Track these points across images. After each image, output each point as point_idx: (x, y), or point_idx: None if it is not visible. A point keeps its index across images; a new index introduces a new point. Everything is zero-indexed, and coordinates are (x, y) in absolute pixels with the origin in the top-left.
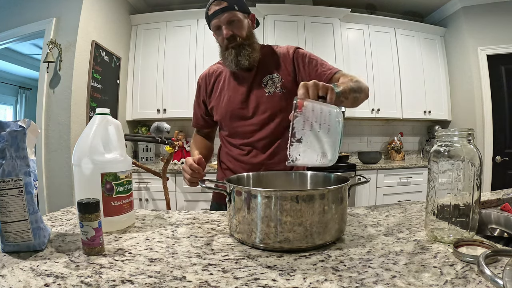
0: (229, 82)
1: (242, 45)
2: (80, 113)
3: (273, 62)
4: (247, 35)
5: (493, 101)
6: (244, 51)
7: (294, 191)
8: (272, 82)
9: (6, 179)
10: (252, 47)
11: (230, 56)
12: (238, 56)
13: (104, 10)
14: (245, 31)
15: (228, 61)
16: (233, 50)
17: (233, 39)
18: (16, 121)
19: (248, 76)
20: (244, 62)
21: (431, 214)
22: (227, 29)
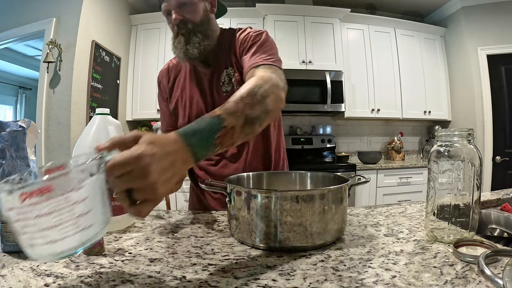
0: (190, 79)
1: (192, 32)
2: (80, 113)
3: (231, 52)
4: (201, 20)
5: (493, 101)
6: (194, 38)
7: (294, 191)
8: (229, 78)
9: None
10: (205, 34)
11: (179, 44)
12: (187, 44)
13: (104, 10)
14: (200, 16)
15: (178, 50)
16: (182, 37)
17: (183, 25)
18: (16, 121)
19: (207, 73)
20: (193, 51)
21: (431, 214)
22: (177, 13)
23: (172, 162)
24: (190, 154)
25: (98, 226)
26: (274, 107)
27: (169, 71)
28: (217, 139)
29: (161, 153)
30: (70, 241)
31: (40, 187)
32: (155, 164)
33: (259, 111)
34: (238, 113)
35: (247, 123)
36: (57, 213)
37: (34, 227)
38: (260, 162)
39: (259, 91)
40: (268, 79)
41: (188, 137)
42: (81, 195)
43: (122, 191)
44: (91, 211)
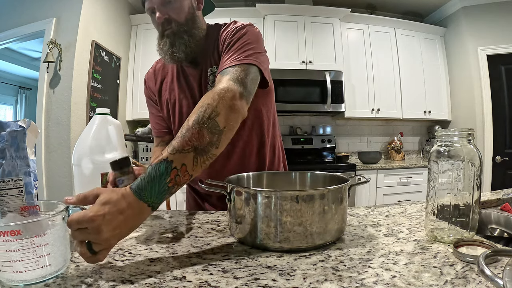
0: (177, 80)
1: (178, 33)
2: (80, 113)
3: (215, 50)
4: (186, 18)
5: (493, 101)
6: (179, 40)
7: (294, 191)
8: (214, 78)
9: (6, 179)
10: (191, 34)
11: (164, 47)
12: (173, 46)
13: (104, 10)
14: (184, 14)
15: (163, 52)
16: (167, 39)
17: (167, 24)
18: (16, 121)
19: (195, 73)
20: (180, 54)
21: (431, 214)
22: (160, 11)
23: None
24: (145, 206)
25: (56, 266)
26: (227, 123)
27: (156, 73)
28: (170, 182)
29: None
30: (32, 274)
31: (12, 229)
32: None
33: (209, 136)
34: (186, 148)
35: (199, 154)
36: (23, 251)
37: (4, 257)
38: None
39: (205, 115)
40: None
41: (140, 192)
42: (44, 240)
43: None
44: (50, 254)
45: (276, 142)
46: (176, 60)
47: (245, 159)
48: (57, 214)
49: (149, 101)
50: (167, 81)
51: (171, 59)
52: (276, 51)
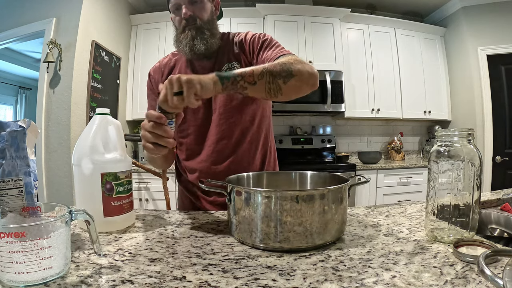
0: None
1: (200, 28)
2: (80, 113)
3: (233, 49)
4: (208, 19)
5: (493, 101)
6: (201, 34)
7: (294, 191)
8: None
9: (6, 179)
10: (212, 32)
11: (185, 39)
12: (195, 39)
13: (104, 10)
14: (207, 15)
15: (183, 45)
16: (189, 32)
17: (192, 20)
18: (16, 121)
19: (207, 65)
20: (200, 47)
21: (431, 214)
22: (188, 8)
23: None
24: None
25: (58, 268)
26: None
27: (162, 67)
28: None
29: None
30: (34, 276)
31: (16, 231)
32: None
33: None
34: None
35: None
36: (26, 253)
37: (6, 258)
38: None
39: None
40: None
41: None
42: (47, 243)
43: None
44: (53, 256)
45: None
46: (195, 52)
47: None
48: (61, 217)
49: (151, 94)
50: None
51: (190, 50)
52: None
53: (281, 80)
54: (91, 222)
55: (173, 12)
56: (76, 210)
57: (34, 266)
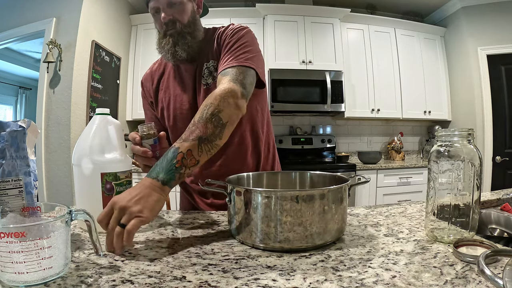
0: (173, 78)
1: (181, 33)
2: (80, 113)
3: (213, 47)
4: (189, 21)
5: (493, 101)
6: (183, 39)
7: (294, 191)
8: (209, 72)
9: (6, 179)
10: (193, 36)
11: (167, 45)
12: (176, 45)
13: (104, 10)
14: (188, 17)
15: (165, 51)
16: (170, 38)
17: (172, 24)
18: (16, 121)
19: (191, 69)
20: (182, 54)
21: (431, 214)
22: (166, 12)
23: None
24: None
25: (58, 268)
26: (229, 119)
27: (153, 74)
28: (177, 163)
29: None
30: (33, 276)
31: (16, 231)
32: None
33: (212, 129)
34: (191, 137)
35: (203, 142)
36: (26, 253)
37: (6, 258)
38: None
39: (208, 111)
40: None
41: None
42: (47, 243)
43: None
44: (53, 256)
45: (270, 140)
46: (178, 59)
47: (241, 154)
48: (61, 217)
49: (145, 103)
50: (164, 80)
51: (172, 57)
52: (276, 51)
53: (217, 138)
54: (91, 222)
55: (153, 15)
56: (76, 210)
57: (34, 266)
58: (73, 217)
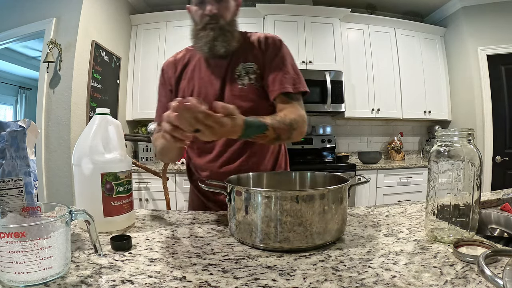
0: (199, 70)
1: (222, 29)
2: (80, 113)
3: (251, 50)
4: (230, 19)
5: (493, 101)
6: (223, 36)
7: (294, 191)
8: (246, 72)
9: (6, 179)
10: (232, 34)
11: (205, 38)
12: (215, 40)
13: (104, 10)
14: (230, 15)
15: (202, 43)
16: (211, 32)
17: (215, 19)
18: (16, 121)
19: (222, 64)
20: (220, 49)
21: (431, 214)
22: (213, 5)
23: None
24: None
25: (58, 268)
26: (295, 138)
27: (176, 62)
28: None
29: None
30: (34, 276)
31: (16, 231)
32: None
33: (286, 137)
34: (276, 131)
35: (275, 138)
36: (26, 253)
37: (6, 258)
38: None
39: (292, 124)
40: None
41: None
42: (47, 243)
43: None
44: (53, 256)
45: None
46: (214, 53)
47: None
48: (61, 217)
49: (162, 90)
50: (188, 70)
51: (209, 50)
52: None
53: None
54: (91, 222)
55: (196, 4)
56: (76, 210)
57: (34, 266)
58: (73, 217)
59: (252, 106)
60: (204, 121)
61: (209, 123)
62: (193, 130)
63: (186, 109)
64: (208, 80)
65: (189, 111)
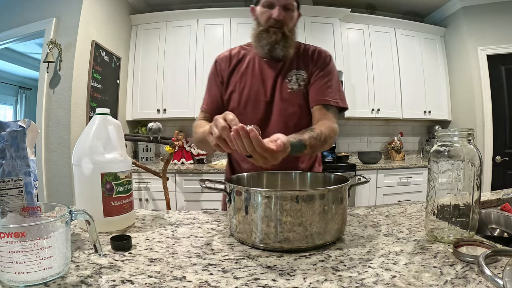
0: (253, 68)
1: (284, 35)
2: (80, 113)
3: (301, 58)
4: (291, 28)
5: (493, 101)
6: (284, 41)
7: (294, 191)
8: (296, 78)
9: (6, 179)
10: (292, 41)
11: (268, 38)
12: (277, 43)
13: (104, 10)
14: (292, 24)
15: (262, 43)
16: (274, 35)
17: (280, 25)
18: (16, 121)
19: (275, 67)
20: (279, 52)
21: (431, 214)
22: (281, 12)
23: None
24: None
25: (58, 268)
26: (326, 148)
27: (231, 57)
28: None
29: None
30: (34, 276)
31: (16, 231)
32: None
33: (318, 151)
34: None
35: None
36: (26, 253)
37: (6, 258)
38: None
39: (326, 140)
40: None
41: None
42: (47, 243)
43: None
44: (53, 256)
45: None
46: (273, 54)
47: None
48: (61, 217)
49: (213, 81)
50: (241, 67)
51: (269, 51)
52: None
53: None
54: (91, 222)
55: (264, 6)
56: (76, 210)
57: (34, 266)
58: (73, 217)
59: (297, 111)
60: (262, 153)
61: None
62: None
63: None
64: (260, 78)
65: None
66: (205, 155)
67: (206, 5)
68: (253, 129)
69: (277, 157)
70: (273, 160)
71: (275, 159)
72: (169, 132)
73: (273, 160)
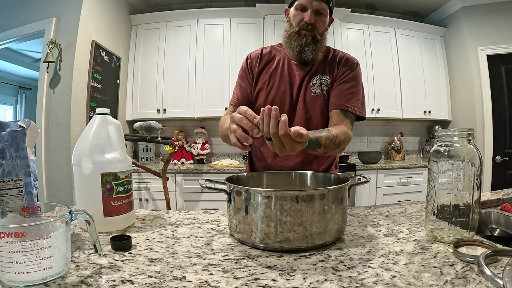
0: (282, 69)
1: (314, 39)
2: (80, 113)
3: (328, 63)
4: (322, 32)
5: (493, 101)
6: (313, 45)
7: (294, 191)
8: (320, 83)
9: (6, 179)
10: (321, 46)
11: (298, 40)
12: (307, 46)
13: (104, 10)
14: (323, 28)
15: (293, 45)
16: (304, 38)
17: (311, 28)
18: (16, 121)
19: (304, 70)
20: (308, 55)
21: (431, 214)
22: (312, 16)
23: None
24: None
25: (58, 268)
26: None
27: (262, 56)
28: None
29: None
30: (33, 276)
31: (16, 231)
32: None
33: (331, 153)
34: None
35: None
36: (26, 253)
37: (6, 258)
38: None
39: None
40: (348, 136)
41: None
42: (47, 243)
43: None
44: (53, 256)
45: None
46: (303, 57)
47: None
48: (61, 217)
49: (244, 76)
50: (271, 66)
51: (298, 53)
52: None
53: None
54: (91, 222)
55: (296, 9)
56: (76, 210)
57: (34, 266)
58: (73, 217)
59: (317, 115)
60: (282, 138)
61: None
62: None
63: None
64: (288, 80)
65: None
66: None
67: (206, 5)
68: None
69: (294, 148)
70: (290, 150)
71: (292, 149)
72: (169, 132)
73: (290, 150)
